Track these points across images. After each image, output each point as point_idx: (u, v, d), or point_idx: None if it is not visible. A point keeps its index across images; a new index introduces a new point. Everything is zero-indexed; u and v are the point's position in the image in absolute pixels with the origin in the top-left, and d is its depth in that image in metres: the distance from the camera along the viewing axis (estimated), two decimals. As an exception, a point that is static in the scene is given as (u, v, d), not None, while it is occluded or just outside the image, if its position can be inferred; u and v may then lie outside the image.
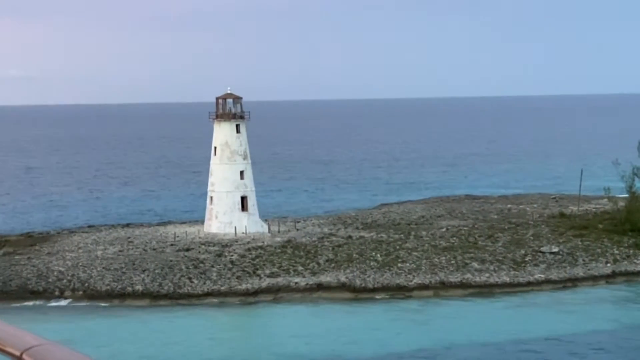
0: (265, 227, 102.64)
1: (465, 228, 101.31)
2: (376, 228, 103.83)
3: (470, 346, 69.82)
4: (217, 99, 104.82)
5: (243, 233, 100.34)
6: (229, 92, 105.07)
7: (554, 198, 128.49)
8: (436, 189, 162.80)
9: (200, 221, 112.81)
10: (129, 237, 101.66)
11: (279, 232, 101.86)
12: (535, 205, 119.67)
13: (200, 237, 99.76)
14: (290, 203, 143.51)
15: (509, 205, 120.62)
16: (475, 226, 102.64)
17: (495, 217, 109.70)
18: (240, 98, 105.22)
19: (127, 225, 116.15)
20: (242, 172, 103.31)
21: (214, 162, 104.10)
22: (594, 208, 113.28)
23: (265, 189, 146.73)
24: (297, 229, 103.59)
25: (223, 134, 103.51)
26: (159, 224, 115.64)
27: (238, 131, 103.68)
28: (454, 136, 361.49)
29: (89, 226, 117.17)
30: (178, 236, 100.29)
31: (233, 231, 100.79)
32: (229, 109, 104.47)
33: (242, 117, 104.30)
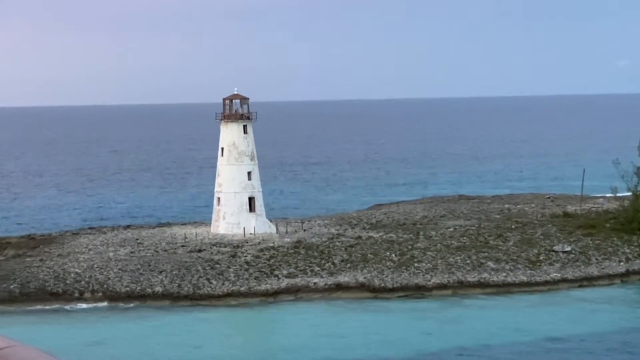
0: (273, 227, 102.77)
1: (472, 228, 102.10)
2: (383, 228, 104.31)
3: (495, 345, 70.49)
4: (224, 99, 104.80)
5: (251, 234, 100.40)
6: (235, 92, 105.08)
7: (549, 198, 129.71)
8: (426, 189, 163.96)
9: (204, 222, 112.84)
10: (137, 239, 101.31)
11: (286, 232, 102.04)
12: (532, 205, 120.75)
13: (209, 238, 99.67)
14: (286, 203, 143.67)
15: (506, 205, 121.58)
16: (482, 226, 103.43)
17: (498, 216, 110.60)
18: (247, 99, 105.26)
19: (128, 226, 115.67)
20: (249, 173, 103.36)
21: (221, 163, 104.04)
22: (593, 207, 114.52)
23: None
24: (304, 230, 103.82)
25: (230, 134, 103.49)
26: (159, 225, 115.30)
27: (245, 132, 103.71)
28: (439, 136, 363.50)
29: (90, 228, 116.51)
30: (187, 237, 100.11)
31: (241, 232, 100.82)
32: (236, 110, 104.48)
33: (249, 118, 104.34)
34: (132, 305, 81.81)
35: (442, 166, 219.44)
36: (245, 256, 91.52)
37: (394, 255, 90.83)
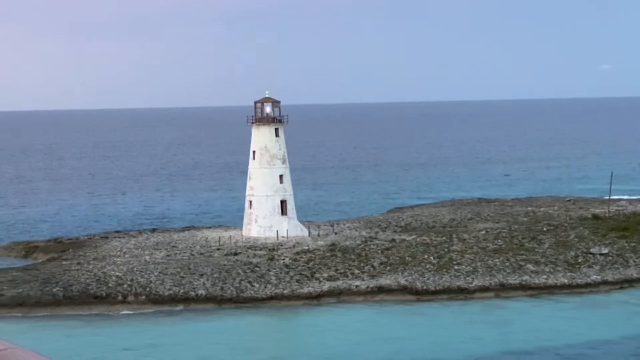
0: (305, 230, 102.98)
1: (504, 230, 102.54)
2: (413, 231, 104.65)
3: (545, 348, 70.76)
4: (256, 103, 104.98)
5: (284, 237, 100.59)
6: (267, 96, 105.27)
7: (569, 200, 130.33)
8: (434, 192, 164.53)
9: (232, 226, 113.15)
10: (170, 242, 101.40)
11: (318, 235, 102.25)
12: (555, 208, 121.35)
13: (242, 241, 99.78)
14: (311, 206, 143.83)
15: (529, 208, 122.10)
16: (512, 228, 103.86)
17: (526, 219, 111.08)
18: (279, 102, 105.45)
19: (154, 230, 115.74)
20: (281, 176, 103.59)
21: (253, 166, 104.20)
22: (618, 209, 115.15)
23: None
24: (335, 233, 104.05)
25: (262, 138, 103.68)
26: (185, 229, 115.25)
27: (277, 135, 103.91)
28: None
29: (116, 231, 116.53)
30: (219, 240, 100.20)
31: (273, 235, 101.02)
32: (267, 113, 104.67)
33: (280, 121, 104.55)
34: (178, 308, 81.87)
35: (441, 169, 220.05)
36: (283, 259, 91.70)
37: (432, 257, 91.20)
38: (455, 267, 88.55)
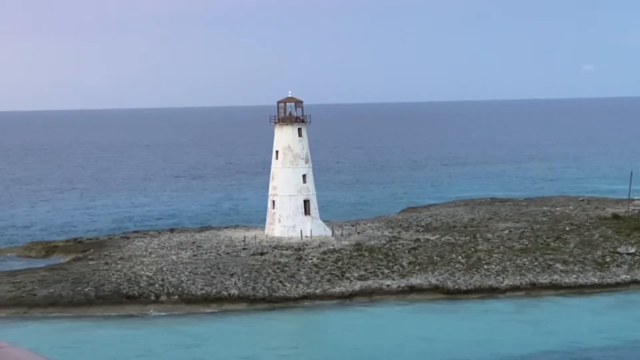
0: (329, 230, 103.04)
1: (527, 230, 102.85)
2: (435, 231, 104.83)
3: (582, 347, 71.04)
4: (278, 102, 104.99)
5: (307, 237, 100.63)
6: (290, 96, 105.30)
7: (583, 200, 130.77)
8: (450, 192, 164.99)
9: (253, 226, 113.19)
10: (194, 242, 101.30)
11: (342, 235, 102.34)
12: (570, 207, 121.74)
13: (267, 241, 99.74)
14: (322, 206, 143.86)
15: (544, 208, 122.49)
16: (534, 228, 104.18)
17: (545, 219, 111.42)
18: (301, 102, 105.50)
19: (172, 230, 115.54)
20: (304, 176, 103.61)
21: (276, 166, 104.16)
22: (635, 209, 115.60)
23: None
24: (358, 233, 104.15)
25: (285, 137, 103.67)
26: (202, 229, 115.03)
27: (300, 135, 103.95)
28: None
29: (135, 232, 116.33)
30: (243, 240, 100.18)
31: (296, 235, 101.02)
32: (290, 113, 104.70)
33: (303, 121, 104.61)
34: (211, 309, 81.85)
35: (443, 170, 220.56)
36: (311, 259, 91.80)
37: (460, 257, 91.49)
38: (485, 266, 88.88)
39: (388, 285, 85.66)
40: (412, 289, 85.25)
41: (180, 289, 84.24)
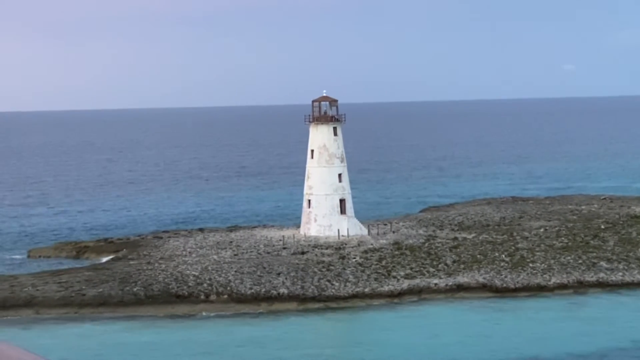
0: (365, 229, 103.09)
1: (562, 229, 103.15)
2: (470, 229, 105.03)
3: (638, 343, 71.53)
4: (313, 102, 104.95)
5: (344, 236, 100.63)
6: (324, 95, 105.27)
7: (604, 198, 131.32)
8: (461, 191, 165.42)
9: (285, 225, 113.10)
10: (231, 241, 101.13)
11: (377, 234, 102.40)
12: (596, 206, 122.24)
13: (304, 241, 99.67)
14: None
15: (569, 206, 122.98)
16: (568, 227, 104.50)
17: (575, 217, 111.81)
18: (336, 101, 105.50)
19: (201, 229, 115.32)
20: (339, 175, 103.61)
21: (311, 165, 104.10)
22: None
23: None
24: (393, 232, 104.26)
25: (320, 137, 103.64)
26: (230, 229, 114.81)
27: (335, 134, 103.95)
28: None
29: (164, 231, 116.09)
30: (281, 240, 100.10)
31: (332, 234, 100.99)
32: (325, 112, 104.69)
33: (338, 120, 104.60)
34: (261, 308, 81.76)
35: (449, 169, 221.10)
36: (354, 257, 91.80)
37: (503, 255, 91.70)
38: (530, 264, 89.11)
39: (436, 284, 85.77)
40: (460, 288, 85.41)
41: (229, 288, 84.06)
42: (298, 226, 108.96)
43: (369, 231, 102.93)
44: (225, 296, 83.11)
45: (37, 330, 76.44)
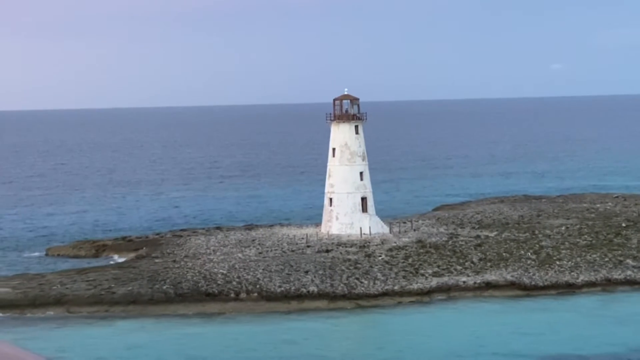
0: (386, 227, 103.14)
1: (583, 227, 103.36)
2: (490, 228, 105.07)
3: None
4: (334, 100, 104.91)
5: (366, 234, 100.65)
6: (346, 93, 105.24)
7: (617, 197, 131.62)
8: (468, 190, 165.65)
9: (304, 224, 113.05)
10: (253, 240, 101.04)
11: (399, 232, 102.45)
12: (610, 204, 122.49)
13: (326, 239, 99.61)
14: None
15: (583, 204, 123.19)
16: (589, 225, 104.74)
17: (592, 215, 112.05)
18: (357, 99, 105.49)
19: (218, 228, 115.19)
20: (361, 173, 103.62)
21: (333, 163, 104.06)
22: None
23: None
24: (414, 229, 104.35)
25: (342, 135, 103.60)
26: (247, 227, 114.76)
27: (357, 132, 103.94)
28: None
29: (182, 230, 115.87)
30: (303, 238, 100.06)
31: (354, 232, 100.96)
32: (346, 110, 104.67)
33: (360, 119, 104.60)
34: (292, 306, 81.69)
35: (449, 170, 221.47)
36: (379, 255, 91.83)
37: (529, 253, 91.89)
38: (557, 262, 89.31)
39: (464, 282, 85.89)
40: (489, 285, 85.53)
41: (258, 286, 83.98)
42: (316, 224, 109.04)
43: (390, 229, 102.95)
44: (255, 294, 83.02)
45: (69, 328, 76.22)
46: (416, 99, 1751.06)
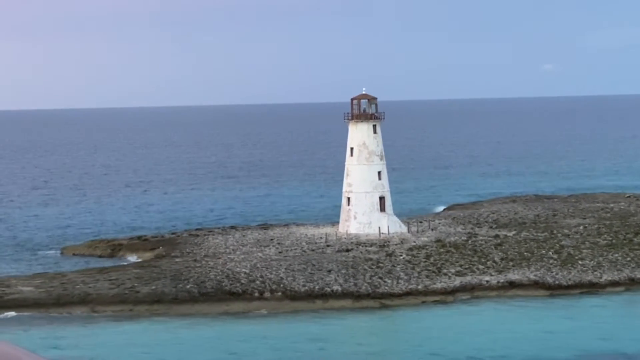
0: (404, 227, 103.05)
1: (601, 226, 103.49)
2: (508, 227, 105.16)
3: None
4: (352, 99, 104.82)
5: (384, 233, 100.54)
6: (363, 92, 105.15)
7: (629, 196, 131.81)
8: (475, 190, 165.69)
9: (321, 223, 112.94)
10: (272, 239, 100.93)
11: (417, 232, 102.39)
12: (623, 203, 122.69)
13: (345, 238, 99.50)
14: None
15: (597, 204, 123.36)
16: (606, 224, 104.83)
17: (608, 215, 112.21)
18: (375, 98, 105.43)
19: (233, 227, 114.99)
20: (379, 173, 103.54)
21: (351, 162, 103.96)
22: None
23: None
24: (432, 229, 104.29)
25: (360, 134, 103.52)
26: (261, 226, 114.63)
27: (375, 132, 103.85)
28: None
29: (197, 229, 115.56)
30: (322, 237, 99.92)
31: (372, 231, 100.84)
32: (364, 110, 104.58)
33: (378, 118, 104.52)
34: (316, 305, 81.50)
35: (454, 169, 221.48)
36: (400, 255, 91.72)
37: (550, 253, 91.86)
38: (579, 262, 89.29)
39: (487, 281, 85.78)
40: (512, 285, 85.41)
41: (282, 285, 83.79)
42: (332, 223, 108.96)
43: (408, 229, 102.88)
44: (279, 293, 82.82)
45: (96, 327, 75.94)
46: (416, 99, 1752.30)
